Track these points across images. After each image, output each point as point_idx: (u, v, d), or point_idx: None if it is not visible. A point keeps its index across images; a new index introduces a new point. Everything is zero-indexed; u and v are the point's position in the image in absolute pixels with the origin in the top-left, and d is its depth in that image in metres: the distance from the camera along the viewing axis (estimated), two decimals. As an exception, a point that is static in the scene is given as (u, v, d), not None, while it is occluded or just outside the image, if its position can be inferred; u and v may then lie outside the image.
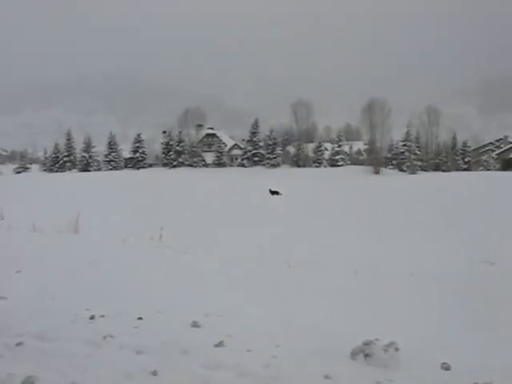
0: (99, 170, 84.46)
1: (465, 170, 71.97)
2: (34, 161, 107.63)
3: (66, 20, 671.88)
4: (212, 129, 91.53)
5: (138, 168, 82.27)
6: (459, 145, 78.63)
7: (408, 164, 72.15)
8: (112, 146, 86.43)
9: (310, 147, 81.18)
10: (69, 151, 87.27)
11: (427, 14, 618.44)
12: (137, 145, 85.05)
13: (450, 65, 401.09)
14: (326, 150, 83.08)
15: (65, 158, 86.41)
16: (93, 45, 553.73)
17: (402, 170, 71.89)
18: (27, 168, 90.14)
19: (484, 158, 74.05)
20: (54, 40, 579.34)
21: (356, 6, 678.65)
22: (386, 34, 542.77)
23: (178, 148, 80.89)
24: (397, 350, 4.44)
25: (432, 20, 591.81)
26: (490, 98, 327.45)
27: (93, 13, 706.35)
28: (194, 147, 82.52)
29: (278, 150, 79.24)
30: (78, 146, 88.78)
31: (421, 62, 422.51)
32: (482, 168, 71.26)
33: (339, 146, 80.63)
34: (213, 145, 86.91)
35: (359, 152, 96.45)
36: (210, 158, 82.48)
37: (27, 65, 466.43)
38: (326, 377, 4.06)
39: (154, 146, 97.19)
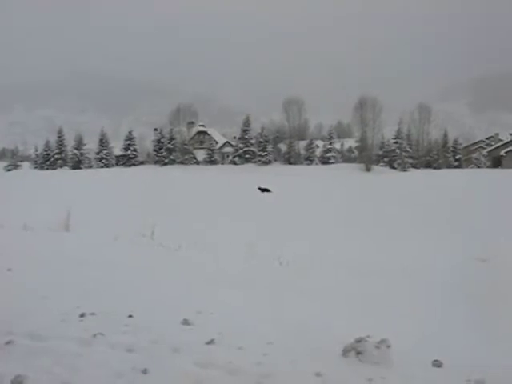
0: (91, 167, 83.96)
1: (456, 167, 72.25)
2: (24, 158, 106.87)
3: (59, 19, 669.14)
4: (203, 126, 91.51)
5: (130, 165, 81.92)
6: (450, 142, 78.83)
7: (399, 161, 72.40)
8: (103, 143, 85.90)
9: (301, 144, 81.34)
10: (60, 148, 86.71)
11: (423, 13, 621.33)
12: (128, 142, 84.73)
13: (442, 63, 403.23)
14: (318, 147, 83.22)
15: (56, 156, 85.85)
16: (85, 44, 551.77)
17: (393, 168, 72.19)
18: (18, 166, 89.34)
19: (475, 155, 74.23)
20: (46, 39, 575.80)
21: (350, 5, 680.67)
22: (379, 33, 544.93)
23: (169, 145, 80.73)
24: (388, 347, 4.44)
25: (425, 18, 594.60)
26: (481, 96, 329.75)
27: (87, 12, 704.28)
28: (186, 145, 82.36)
29: (270, 148, 79.23)
30: (69, 143, 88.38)
31: (413, 60, 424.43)
32: (472, 165, 71.49)
33: (331, 144, 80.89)
34: (204, 142, 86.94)
35: (350, 149, 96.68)
36: (201, 155, 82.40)
37: (18, 64, 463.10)
38: (318, 374, 4.05)
39: (146, 144, 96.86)
